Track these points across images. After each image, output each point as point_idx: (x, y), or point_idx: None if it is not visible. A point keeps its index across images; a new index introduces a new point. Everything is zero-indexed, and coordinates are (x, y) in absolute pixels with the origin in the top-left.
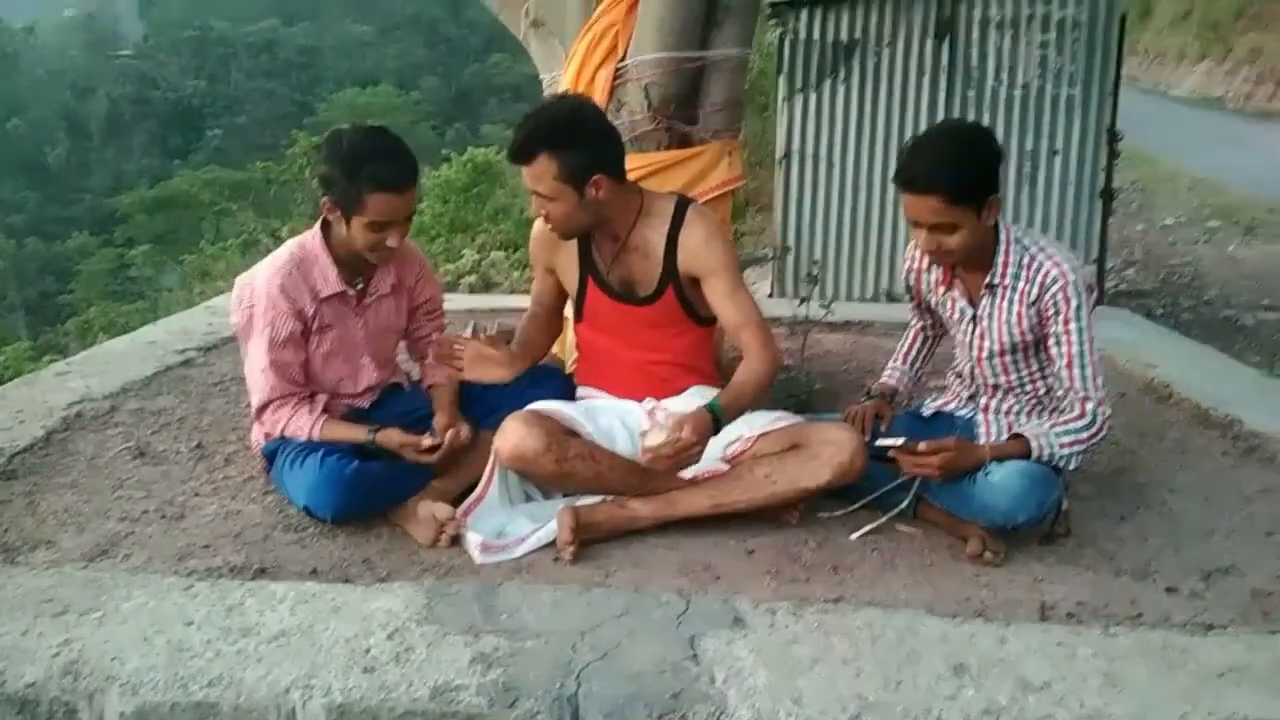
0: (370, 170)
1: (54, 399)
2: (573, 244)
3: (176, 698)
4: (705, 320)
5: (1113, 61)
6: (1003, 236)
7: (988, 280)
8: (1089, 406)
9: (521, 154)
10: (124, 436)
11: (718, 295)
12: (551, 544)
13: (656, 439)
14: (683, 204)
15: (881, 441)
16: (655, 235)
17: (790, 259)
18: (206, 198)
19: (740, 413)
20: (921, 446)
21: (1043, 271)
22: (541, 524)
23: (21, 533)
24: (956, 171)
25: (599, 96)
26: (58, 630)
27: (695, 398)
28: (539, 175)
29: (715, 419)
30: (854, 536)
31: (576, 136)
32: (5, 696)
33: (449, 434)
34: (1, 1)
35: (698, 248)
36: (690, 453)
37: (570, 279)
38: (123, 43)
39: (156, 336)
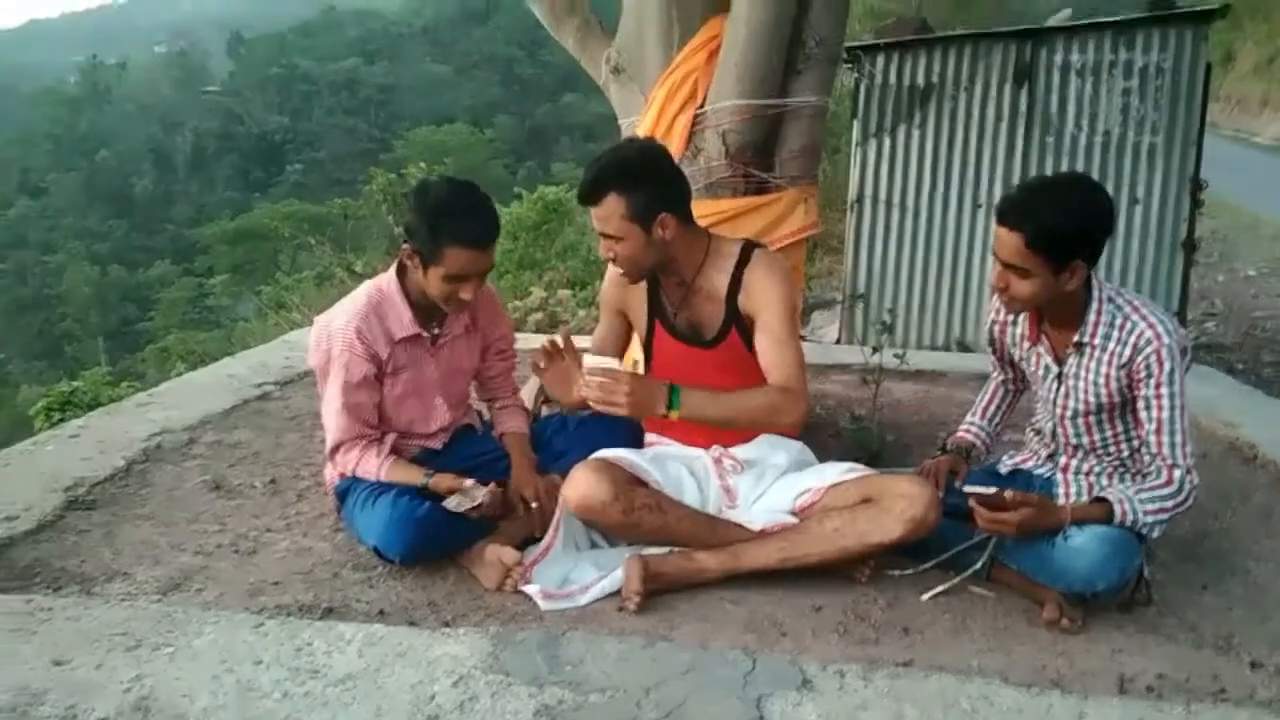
0: (451, 226)
1: (135, 430)
2: (642, 288)
3: None
4: None
5: (1197, 109)
6: (1095, 294)
7: (1076, 338)
8: (1177, 474)
9: (591, 194)
10: (201, 469)
11: (764, 335)
12: (616, 593)
13: (596, 363)
14: (749, 247)
15: (968, 488)
16: (720, 277)
17: (860, 306)
18: (285, 231)
19: (703, 417)
20: (1007, 494)
21: (1136, 332)
22: (606, 572)
23: (99, 564)
24: (1048, 220)
25: (677, 142)
26: (130, 665)
27: (764, 446)
28: (608, 215)
29: (670, 398)
30: (925, 597)
31: (644, 176)
32: None
33: (496, 498)
34: (96, 39)
35: (757, 286)
36: (609, 400)
37: (640, 323)
38: (210, 79)
39: (235, 370)
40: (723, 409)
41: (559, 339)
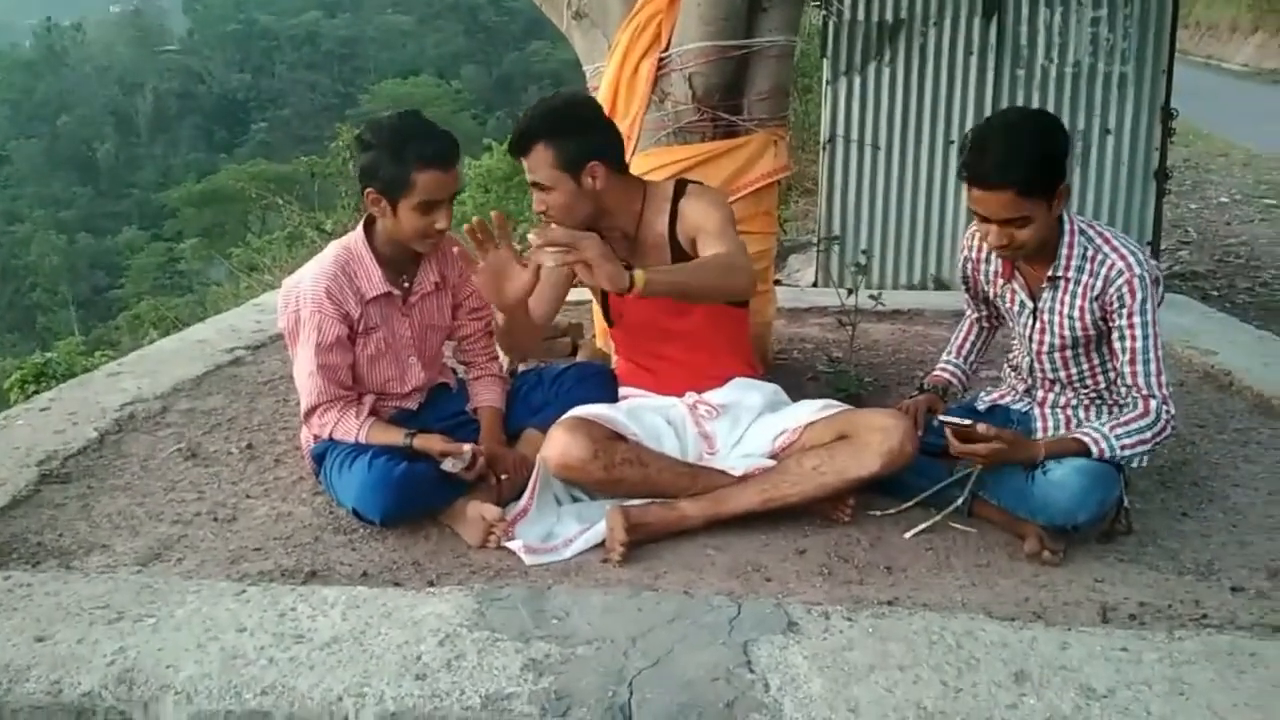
0: (416, 148)
1: (106, 400)
2: None
3: (231, 706)
4: (732, 303)
5: (1166, 37)
6: (1067, 227)
7: (1050, 272)
8: (1152, 404)
9: (519, 145)
10: (175, 437)
11: (704, 239)
12: (600, 545)
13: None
14: (681, 184)
15: (942, 418)
16: (660, 219)
17: (835, 247)
18: (252, 192)
19: (668, 287)
20: (981, 428)
21: (1108, 264)
22: (589, 524)
23: (76, 537)
24: (1028, 163)
25: (643, 87)
26: (112, 638)
27: (737, 390)
28: (536, 165)
29: (629, 271)
30: (908, 535)
31: (571, 125)
32: (62, 705)
33: (480, 460)
34: (50, 1)
35: (690, 212)
36: (570, 257)
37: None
38: (168, 38)
39: (206, 335)
40: (680, 274)
41: (492, 219)
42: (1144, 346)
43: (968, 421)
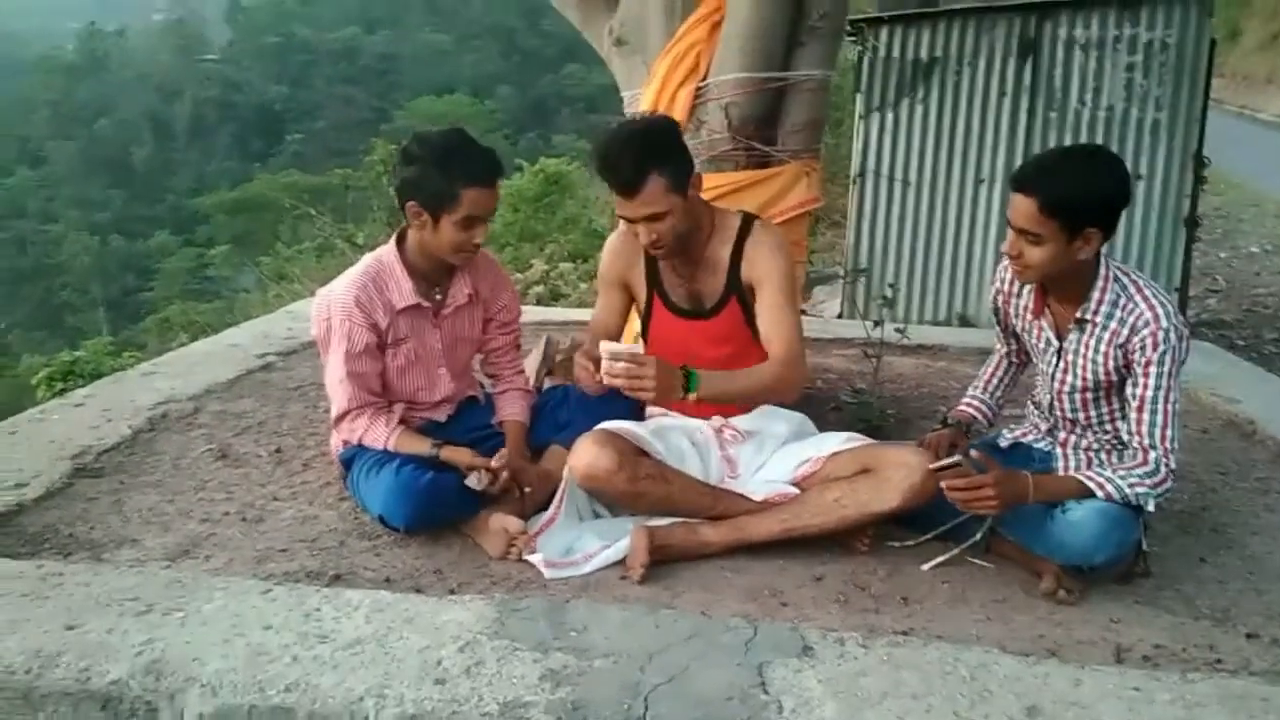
0: (463, 165)
1: (141, 399)
2: (641, 261)
3: (255, 701)
4: None
5: (1201, 85)
6: (1102, 271)
7: (1079, 314)
8: (1152, 456)
9: (635, 183)
10: (206, 438)
11: (765, 304)
12: (618, 562)
13: (619, 349)
14: (749, 218)
15: (931, 465)
16: (724, 249)
17: (862, 280)
18: (285, 202)
19: (719, 397)
20: (960, 459)
21: (1136, 313)
22: (609, 542)
23: (108, 530)
24: (1063, 184)
25: (679, 115)
26: (141, 629)
27: (764, 417)
28: (653, 197)
29: (687, 380)
30: (925, 567)
31: (670, 145)
32: (90, 693)
33: (504, 475)
34: (94, 6)
35: (758, 258)
36: (637, 387)
37: (640, 296)
38: (209, 48)
39: (238, 339)
40: (734, 385)
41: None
42: (1154, 397)
43: (954, 458)
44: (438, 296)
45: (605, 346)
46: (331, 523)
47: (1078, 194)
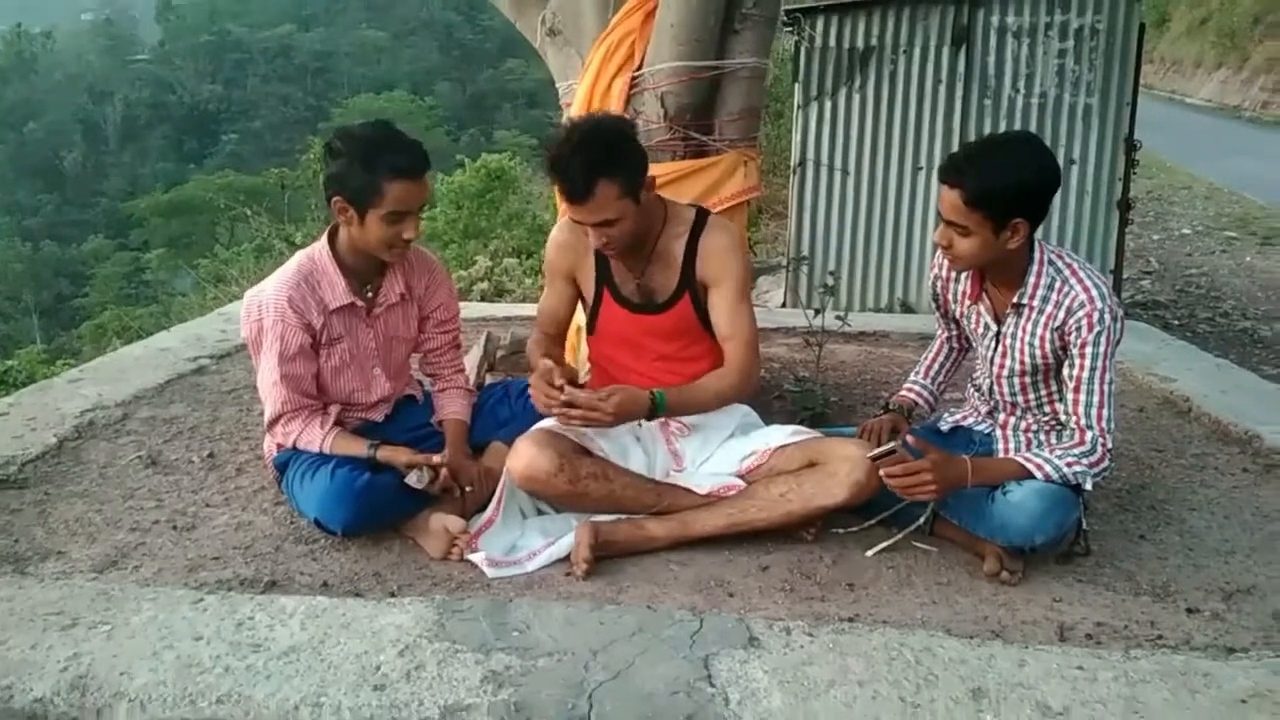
0: (387, 158)
1: (67, 406)
2: (590, 255)
3: (186, 714)
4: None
5: (1131, 70)
6: (1036, 256)
7: (1015, 299)
8: (1089, 435)
9: (586, 191)
10: (136, 445)
11: (720, 304)
12: (564, 559)
13: (578, 395)
14: (703, 213)
15: (869, 454)
16: (677, 244)
17: (804, 269)
18: (221, 203)
19: (685, 412)
20: (896, 445)
21: (1071, 295)
22: (554, 538)
23: (32, 543)
24: (987, 177)
25: (615, 105)
26: (66, 644)
27: (712, 414)
28: (604, 204)
29: (654, 406)
30: (870, 553)
31: (623, 151)
32: (13, 712)
33: (444, 472)
34: (20, 7)
35: (714, 255)
36: (601, 421)
37: (588, 289)
38: (139, 48)
39: (170, 343)
40: (699, 397)
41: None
42: (1089, 378)
43: (891, 444)
44: (369, 295)
45: (569, 393)
46: (266, 528)
47: (1001, 186)
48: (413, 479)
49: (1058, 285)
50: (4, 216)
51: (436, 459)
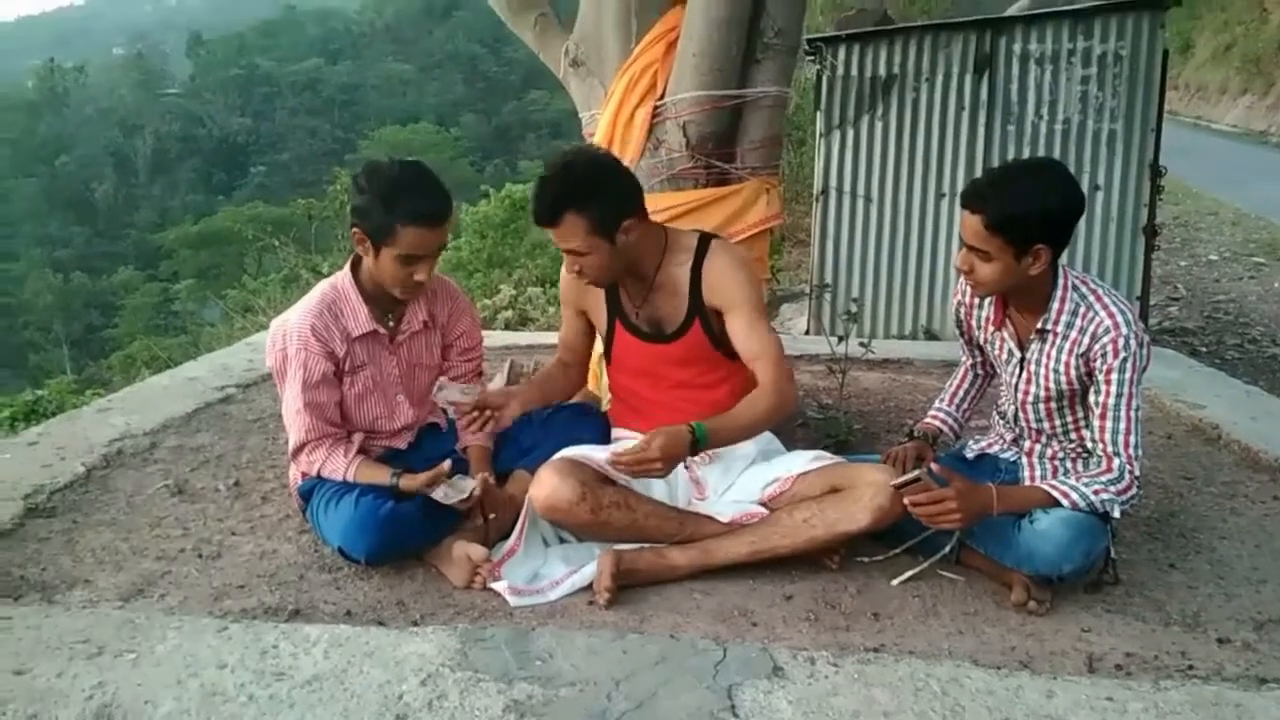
0: (406, 202)
1: (95, 435)
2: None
3: None
4: (735, 356)
5: (1155, 95)
6: (1060, 281)
7: (1039, 325)
8: (1115, 463)
9: (550, 217)
10: (163, 474)
11: (738, 327)
12: (586, 588)
13: (625, 446)
14: (705, 238)
15: (893, 481)
16: (680, 271)
17: (827, 296)
18: (249, 234)
19: (728, 441)
20: (920, 473)
21: (1096, 321)
22: (576, 567)
23: (59, 571)
24: (1009, 202)
25: (638, 135)
26: (92, 672)
27: None
28: (569, 234)
29: (696, 440)
30: (895, 582)
31: (598, 188)
32: None
33: (477, 490)
34: (54, 43)
35: (720, 279)
36: (652, 469)
37: (600, 321)
38: (170, 82)
39: (197, 373)
40: (738, 424)
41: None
42: (1116, 404)
43: (914, 473)
44: (392, 323)
45: (613, 454)
46: (291, 556)
47: (1023, 212)
48: (439, 494)
49: (1082, 311)
50: (36, 248)
51: (473, 481)
